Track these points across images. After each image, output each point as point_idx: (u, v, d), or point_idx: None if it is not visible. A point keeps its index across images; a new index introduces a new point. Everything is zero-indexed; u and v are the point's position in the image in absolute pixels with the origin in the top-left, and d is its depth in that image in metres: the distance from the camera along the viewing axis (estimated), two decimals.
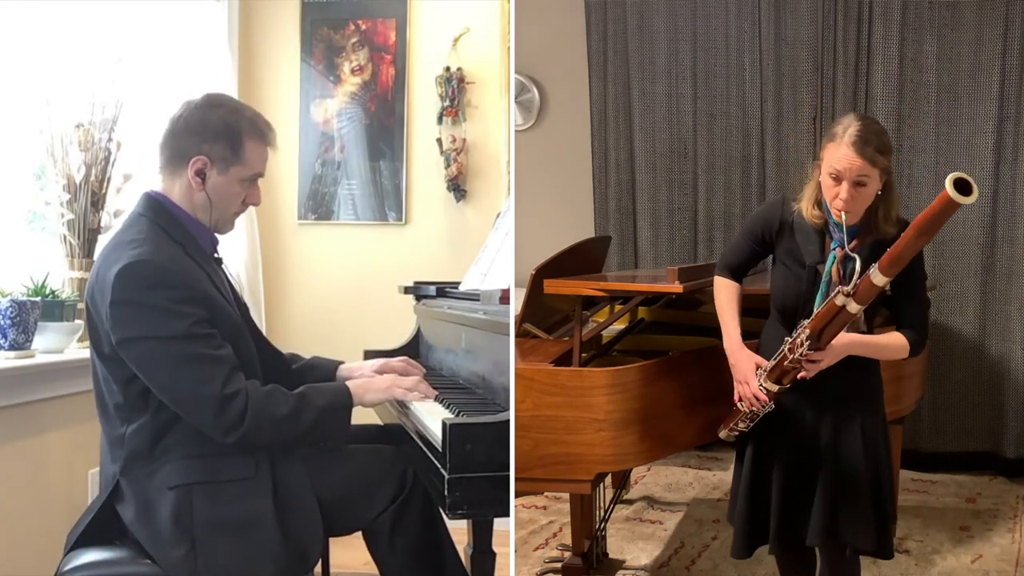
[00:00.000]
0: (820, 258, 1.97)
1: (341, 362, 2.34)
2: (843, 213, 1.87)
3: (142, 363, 1.80)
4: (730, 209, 4.12)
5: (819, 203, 1.97)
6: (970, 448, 3.92)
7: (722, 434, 2.14)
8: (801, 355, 1.89)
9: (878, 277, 1.78)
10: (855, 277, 1.81)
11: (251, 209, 3.72)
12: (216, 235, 2.06)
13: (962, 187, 1.65)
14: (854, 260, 1.84)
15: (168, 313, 1.78)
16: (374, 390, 2.05)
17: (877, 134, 1.88)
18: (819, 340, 1.87)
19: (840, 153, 1.86)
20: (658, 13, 4.10)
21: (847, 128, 1.88)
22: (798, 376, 1.93)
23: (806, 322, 1.88)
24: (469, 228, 3.91)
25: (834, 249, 1.94)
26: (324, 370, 2.29)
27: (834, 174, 1.87)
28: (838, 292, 1.83)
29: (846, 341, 1.91)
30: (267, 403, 1.83)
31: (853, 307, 1.82)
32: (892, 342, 1.98)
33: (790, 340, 1.91)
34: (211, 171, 1.95)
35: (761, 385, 1.97)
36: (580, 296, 2.42)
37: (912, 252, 1.76)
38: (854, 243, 1.92)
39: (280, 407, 1.84)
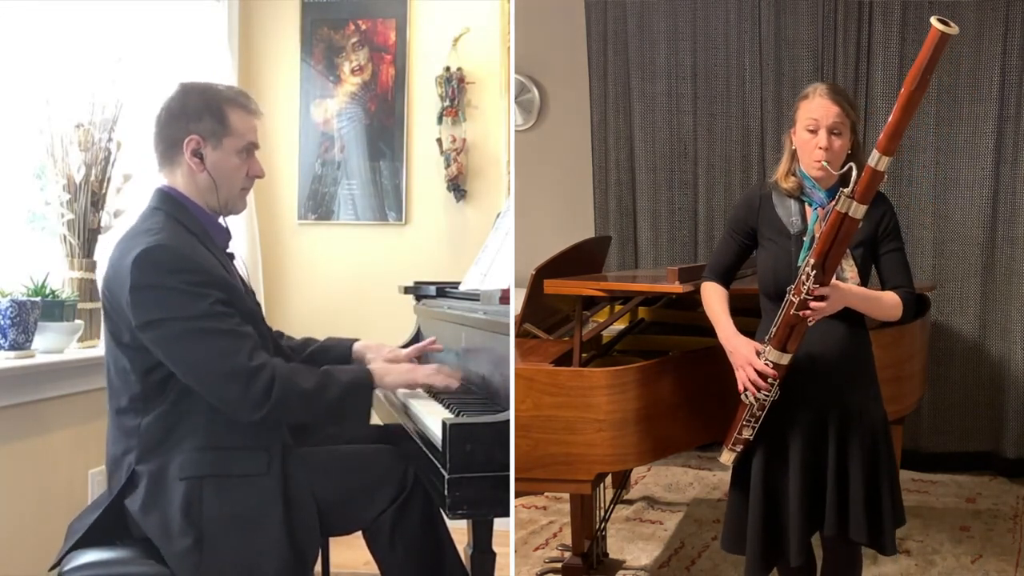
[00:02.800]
0: (803, 227, 1.99)
1: (355, 339, 2.38)
2: (824, 162, 1.91)
3: (165, 344, 1.80)
4: (730, 209, 4.12)
5: (793, 173, 2.02)
6: (970, 448, 3.92)
7: (724, 457, 2.07)
8: (808, 293, 1.85)
9: (879, 161, 1.77)
10: (851, 184, 1.79)
11: (251, 209, 3.76)
12: (229, 231, 2.08)
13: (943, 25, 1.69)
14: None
15: (188, 294, 1.80)
16: (394, 372, 2.07)
17: (845, 91, 2.02)
18: (824, 268, 1.84)
19: (815, 104, 1.96)
20: (658, 13, 4.10)
21: (817, 87, 2.00)
22: (806, 318, 1.88)
23: (807, 256, 1.86)
24: (469, 228, 3.91)
25: (815, 210, 1.98)
26: (339, 349, 2.33)
27: (812, 126, 1.95)
28: (839, 197, 1.81)
29: (846, 286, 1.91)
30: (293, 376, 1.84)
31: (857, 210, 1.80)
32: (886, 297, 1.99)
33: (792, 288, 1.89)
34: (206, 148, 1.97)
35: (766, 361, 1.94)
36: (580, 296, 2.42)
37: (911, 111, 1.75)
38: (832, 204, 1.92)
39: (306, 381, 1.86)
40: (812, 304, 1.86)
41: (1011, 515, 3.42)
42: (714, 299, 2.11)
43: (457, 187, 3.88)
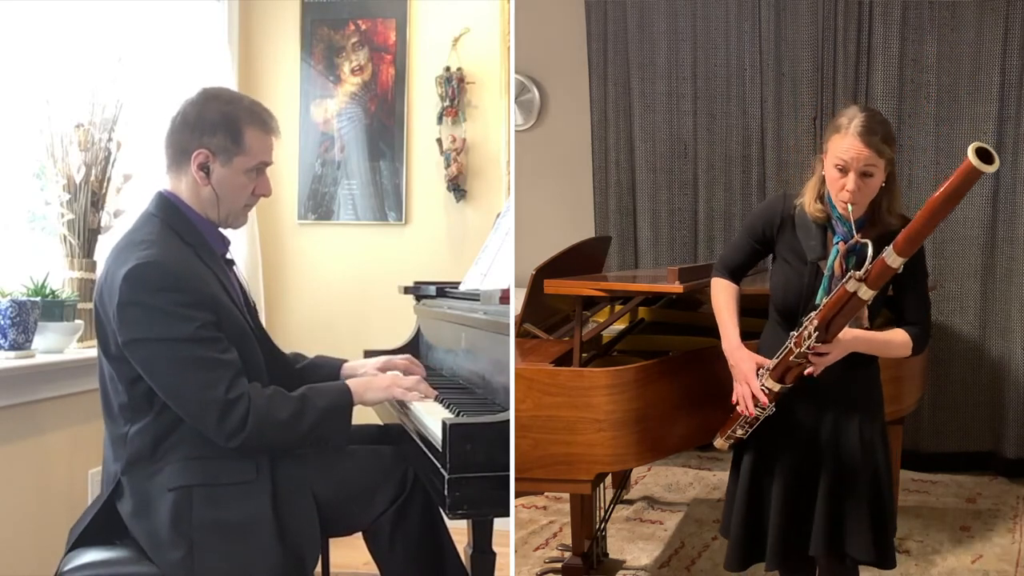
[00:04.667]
0: (822, 254, 1.94)
1: (345, 360, 2.34)
2: (849, 205, 1.85)
3: (147, 365, 1.80)
4: (730, 209, 4.12)
5: (821, 198, 1.95)
6: (970, 448, 3.92)
7: (718, 443, 2.09)
8: (808, 348, 1.84)
9: (893, 259, 1.73)
10: (866, 263, 1.76)
11: (251, 209, 3.75)
12: (227, 239, 2.06)
13: (984, 156, 1.59)
14: (856, 254, 1.82)
15: (175, 316, 1.78)
16: (374, 389, 2.04)
17: (882, 124, 1.89)
18: (827, 331, 1.82)
19: (846, 143, 1.85)
20: (658, 13, 4.10)
21: (852, 119, 1.86)
22: (805, 372, 1.88)
23: (813, 315, 1.84)
24: (469, 228, 3.91)
25: (837, 243, 1.91)
26: (328, 369, 2.29)
27: (841, 165, 1.86)
28: (850, 278, 1.78)
29: (851, 336, 1.88)
30: (269, 407, 1.83)
31: (865, 293, 1.77)
32: (895, 339, 1.95)
33: (795, 335, 1.87)
34: (214, 163, 1.95)
35: (763, 386, 1.93)
36: (580, 296, 2.42)
37: (931, 228, 1.70)
38: (857, 237, 1.88)
39: (281, 411, 1.84)
40: (812, 358, 1.86)
41: (1011, 515, 3.42)
42: (723, 301, 2.08)
43: (457, 187, 3.88)
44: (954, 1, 3.76)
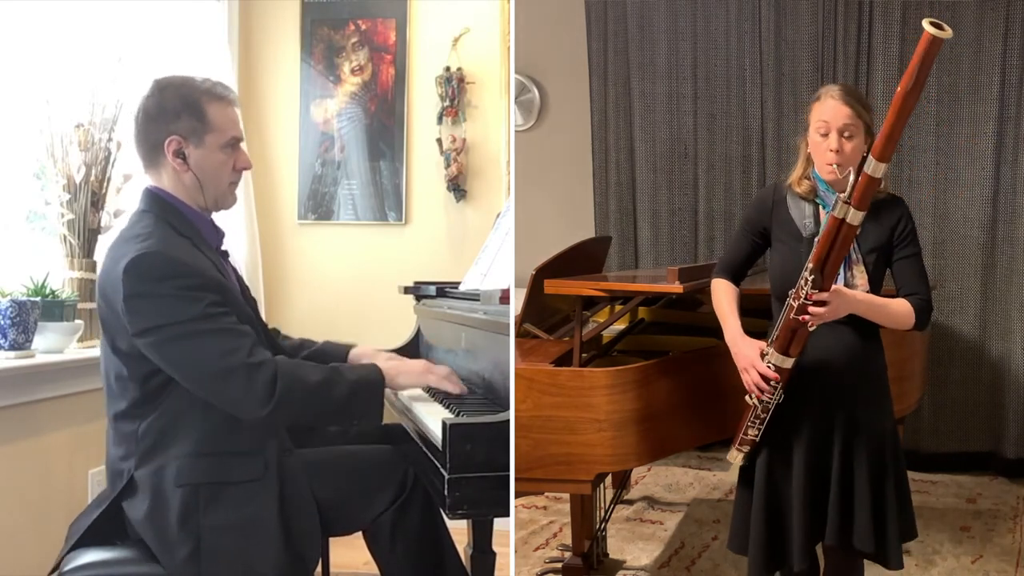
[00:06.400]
0: (816, 230, 1.96)
1: (353, 345, 2.33)
2: (835, 165, 1.88)
3: (163, 350, 1.78)
4: (730, 209, 4.12)
5: (808, 177, 2.00)
6: (970, 448, 3.92)
7: (732, 456, 2.04)
8: (806, 296, 1.82)
9: (875, 167, 1.74)
10: (848, 188, 1.77)
11: (251, 209, 3.76)
12: (222, 229, 2.06)
13: (937, 27, 1.68)
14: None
15: (182, 299, 1.77)
16: (407, 373, 2.03)
17: (858, 93, 2.01)
18: (823, 273, 1.81)
19: (826, 106, 1.95)
20: (658, 13, 4.10)
21: (828, 89, 1.99)
22: (805, 323, 1.85)
23: (808, 261, 1.84)
24: (469, 228, 3.91)
25: (828, 213, 1.91)
26: (336, 355, 2.28)
27: (822, 128, 1.94)
28: (836, 202, 1.78)
29: (851, 294, 1.88)
30: (297, 371, 1.81)
31: (855, 216, 1.77)
32: (896, 305, 1.94)
33: (793, 291, 1.86)
34: (188, 147, 1.93)
35: (768, 363, 1.91)
36: (580, 296, 2.42)
37: (905, 115, 1.73)
38: (842, 197, 1.87)
39: (311, 375, 1.83)
40: (811, 309, 1.84)
41: (1011, 515, 3.42)
42: (723, 297, 2.08)
43: (457, 187, 3.88)
44: (954, 1, 3.75)
